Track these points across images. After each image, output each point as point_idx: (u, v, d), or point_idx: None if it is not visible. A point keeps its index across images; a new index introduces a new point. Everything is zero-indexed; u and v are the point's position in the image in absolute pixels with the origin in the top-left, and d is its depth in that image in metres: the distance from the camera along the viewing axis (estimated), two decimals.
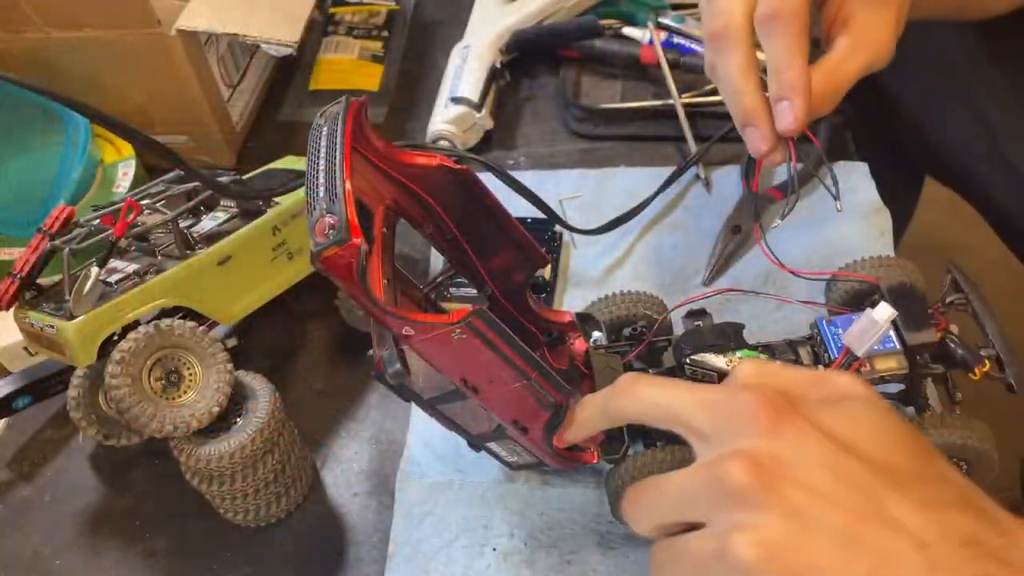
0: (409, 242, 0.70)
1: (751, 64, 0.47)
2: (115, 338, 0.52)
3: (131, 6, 0.68)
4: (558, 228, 0.68)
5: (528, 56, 0.83)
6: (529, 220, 0.68)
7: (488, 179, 0.57)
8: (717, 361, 0.50)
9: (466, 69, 0.78)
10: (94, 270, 0.52)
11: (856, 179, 0.68)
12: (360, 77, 0.86)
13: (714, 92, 0.75)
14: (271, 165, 0.68)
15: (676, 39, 0.79)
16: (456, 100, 0.76)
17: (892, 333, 0.49)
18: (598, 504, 0.54)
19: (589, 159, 0.76)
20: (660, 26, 0.80)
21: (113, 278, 0.54)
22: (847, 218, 0.66)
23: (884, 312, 0.44)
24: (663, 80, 0.76)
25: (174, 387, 0.52)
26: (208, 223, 0.59)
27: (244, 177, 0.64)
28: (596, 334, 0.55)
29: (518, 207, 0.61)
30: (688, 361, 0.50)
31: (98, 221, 0.55)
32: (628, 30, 0.81)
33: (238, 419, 0.53)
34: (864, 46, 0.47)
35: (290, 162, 0.69)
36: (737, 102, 0.48)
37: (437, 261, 0.69)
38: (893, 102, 0.76)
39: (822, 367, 0.50)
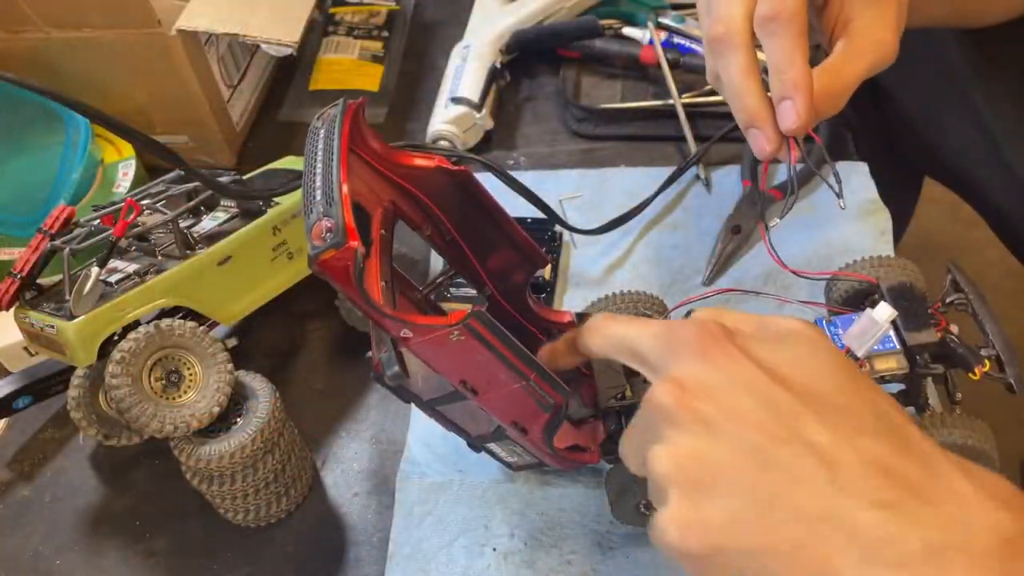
0: (408, 243, 0.70)
1: (753, 67, 0.47)
2: (115, 338, 0.52)
3: (131, 6, 0.68)
4: (558, 228, 0.69)
5: (528, 56, 0.83)
6: (529, 220, 0.68)
7: (488, 179, 0.57)
8: None
9: (466, 69, 0.78)
10: (94, 270, 0.52)
11: (856, 179, 0.68)
12: (360, 77, 0.86)
13: (714, 92, 0.75)
14: (271, 165, 0.68)
15: (676, 39, 0.79)
16: (456, 100, 0.76)
17: (892, 333, 0.49)
18: (598, 504, 0.54)
19: (589, 159, 0.76)
20: (660, 26, 0.80)
21: (113, 278, 0.54)
22: (847, 218, 0.66)
23: (884, 312, 0.44)
24: (663, 80, 0.77)
25: (174, 387, 0.52)
26: (208, 223, 0.59)
27: (244, 177, 0.64)
28: None
29: (518, 207, 0.61)
30: None
31: (98, 221, 0.55)
32: (628, 30, 0.81)
33: (238, 419, 0.53)
34: (867, 47, 0.47)
35: (290, 162, 0.69)
36: (741, 105, 0.48)
37: (436, 262, 0.69)
38: (892, 106, 0.76)
39: None
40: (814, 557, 0.32)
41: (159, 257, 0.56)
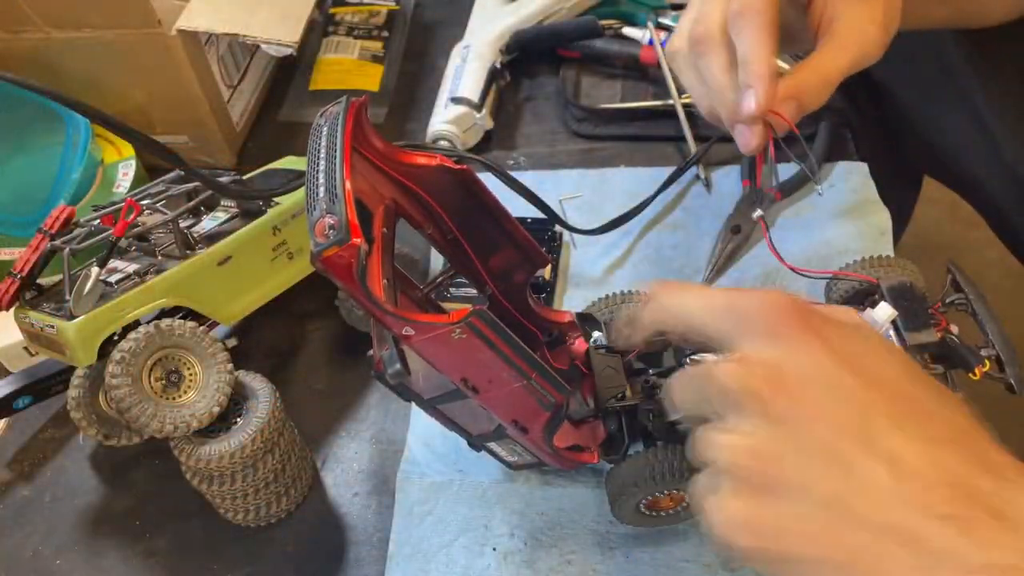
0: (409, 242, 0.70)
1: (732, 64, 0.49)
2: (115, 338, 0.52)
3: (131, 6, 0.68)
4: (558, 228, 0.69)
5: (528, 56, 0.83)
6: (529, 220, 0.68)
7: (488, 179, 0.57)
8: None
9: (466, 69, 0.78)
10: (94, 270, 0.52)
11: (856, 179, 0.68)
12: (360, 77, 0.86)
13: None
14: (271, 165, 0.68)
15: None
16: (456, 100, 0.76)
17: (892, 333, 0.49)
18: (598, 504, 0.54)
19: (589, 159, 0.76)
20: (660, 26, 0.80)
21: (113, 278, 0.54)
22: (847, 218, 0.66)
23: (884, 312, 0.44)
24: (663, 80, 0.76)
25: (174, 387, 0.52)
26: (208, 223, 0.59)
27: (244, 177, 0.64)
28: (596, 334, 0.55)
29: (518, 207, 0.61)
30: (688, 361, 0.50)
31: (98, 221, 0.55)
32: (628, 30, 0.81)
33: (238, 419, 0.53)
34: (850, 43, 0.48)
35: (290, 162, 0.69)
36: (722, 101, 0.49)
37: (437, 261, 0.69)
38: (892, 105, 0.77)
39: None
40: (870, 568, 0.31)
41: (159, 257, 0.56)
